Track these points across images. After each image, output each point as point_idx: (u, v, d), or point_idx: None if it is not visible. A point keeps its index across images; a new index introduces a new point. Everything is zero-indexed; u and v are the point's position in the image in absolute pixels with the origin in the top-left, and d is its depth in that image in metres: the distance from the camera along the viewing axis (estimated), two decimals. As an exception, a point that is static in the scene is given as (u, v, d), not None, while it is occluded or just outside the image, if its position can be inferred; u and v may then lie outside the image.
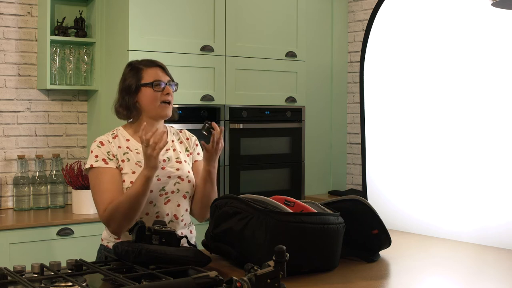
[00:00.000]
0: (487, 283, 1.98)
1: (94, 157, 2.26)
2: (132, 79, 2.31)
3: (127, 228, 2.15)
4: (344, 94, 4.99)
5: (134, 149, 2.30)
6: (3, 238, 3.25)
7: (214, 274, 1.50)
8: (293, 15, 4.23)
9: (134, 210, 2.16)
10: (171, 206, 2.31)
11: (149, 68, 2.32)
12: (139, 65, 2.34)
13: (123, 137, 2.33)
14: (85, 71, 3.89)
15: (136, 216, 2.17)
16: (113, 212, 2.16)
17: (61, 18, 3.84)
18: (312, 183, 4.76)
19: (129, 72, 2.35)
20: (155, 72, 2.32)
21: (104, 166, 2.25)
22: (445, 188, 2.87)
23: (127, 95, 2.31)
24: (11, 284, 1.62)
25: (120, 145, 2.30)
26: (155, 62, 2.37)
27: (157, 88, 2.28)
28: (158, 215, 2.28)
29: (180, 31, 3.75)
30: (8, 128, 3.79)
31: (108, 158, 2.26)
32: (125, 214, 2.15)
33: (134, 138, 2.33)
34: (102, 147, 2.28)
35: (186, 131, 2.51)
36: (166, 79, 2.32)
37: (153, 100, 2.28)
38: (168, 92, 2.30)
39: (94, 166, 2.25)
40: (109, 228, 2.23)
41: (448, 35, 2.89)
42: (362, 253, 2.17)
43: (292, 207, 2.04)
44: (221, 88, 3.90)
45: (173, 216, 2.31)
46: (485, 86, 2.72)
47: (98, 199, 2.24)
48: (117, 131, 2.36)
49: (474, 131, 2.76)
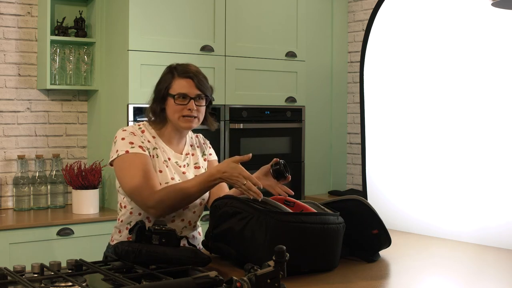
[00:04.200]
0: (487, 283, 1.98)
1: (129, 144, 2.18)
2: (163, 85, 2.26)
3: (166, 215, 2.19)
4: (344, 94, 4.99)
5: (161, 147, 2.27)
6: (3, 238, 3.25)
7: (214, 274, 1.50)
8: (293, 15, 4.23)
9: (185, 204, 2.20)
10: (187, 213, 2.29)
11: (180, 78, 2.24)
12: (175, 71, 2.27)
13: (150, 133, 2.28)
14: (85, 71, 3.89)
15: (180, 209, 2.22)
16: (164, 198, 2.12)
17: (61, 18, 3.84)
18: (312, 183, 4.76)
19: (165, 76, 2.29)
20: (184, 84, 2.23)
21: (142, 152, 2.19)
22: (445, 188, 2.87)
23: (156, 100, 2.27)
24: (11, 284, 1.62)
25: (149, 139, 2.26)
26: (189, 71, 2.25)
27: (179, 101, 2.22)
28: (173, 219, 2.26)
29: (180, 31, 3.75)
30: (8, 128, 3.79)
31: (144, 147, 2.21)
32: (174, 205, 2.15)
33: (160, 138, 2.29)
34: (135, 136, 2.22)
35: (201, 136, 2.49)
36: (194, 93, 2.22)
37: (175, 112, 2.23)
38: (191, 108, 2.21)
39: (131, 152, 2.17)
40: (150, 210, 2.15)
41: (448, 35, 2.89)
42: (362, 253, 2.17)
43: (292, 207, 2.04)
44: (221, 88, 3.90)
45: (187, 222, 2.30)
46: (485, 86, 2.72)
47: (141, 181, 2.12)
48: (143, 125, 2.30)
49: (474, 131, 2.76)
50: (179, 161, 2.30)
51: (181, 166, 2.29)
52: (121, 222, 2.30)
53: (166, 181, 2.22)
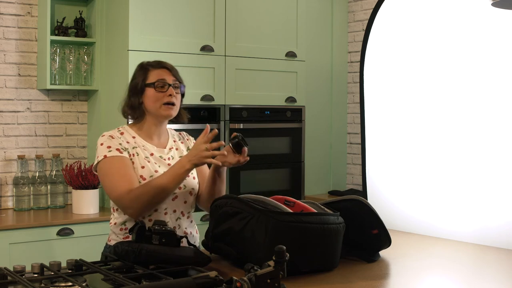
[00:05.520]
0: (487, 283, 1.98)
1: (107, 148, 2.24)
2: (139, 79, 2.33)
3: (145, 214, 2.20)
4: (344, 94, 4.99)
5: (141, 145, 2.31)
6: (3, 238, 3.25)
7: (214, 274, 1.50)
8: (293, 15, 4.23)
9: (162, 198, 2.18)
10: (178, 203, 2.31)
11: (156, 69, 2.33)
12: (148, 66, 2.35)
13: (129, 134, 2.34)
14: (85, 71, 3.89)
15: (158, 205, 2.21)
16: (139, 196, 2.14)
17: (61, 18, 3.84)
18: (312, 183, 4.76)
19: (138, 72, 2.36)
20: (161, 73, 2.31)
21: (119, 155, 2.23)
22: (445, 188, 2.87)
23: (133, 95, 2.32)
24: (11, 284, 1.62)
25: (128, 140, 2.30)
26: (163, 63, 2.36)
27: (159, 88, 2.28)
28: (166, 212, 2.28)
29: (180, 31, 3.75)
30: (8, 128, 3.79)
31: (122, 148, 2.25)
32: (150, 200, 2.16)
33: (140, 136, 2.34)
34: (113, 139, 2.27)
35: (185, 133, 2.53)
36: (171, 80, 2.31)
37: (155, 101, 2.29)
38: (171, 94, 2.28)
39: (109, 156, 2.23)
40: (127, 211, 2.20)
41: (448, 35, 2.89)
42: (362, 253, 2.17)
43: (292, 207, 2.04)
44: (221, 88, 3.90)
45: (180, 213, 2.32)
46: (485, 86, 2.73)
47: (117, 183, 2.19)
48: (122, 128, 2.36)
49: (474, 131, 2.76)
50: (163, 155, 2.34)
51: (166, 159, 2.33)
52: (114, 224, 2.34)
53: (151, 175, 2.25)
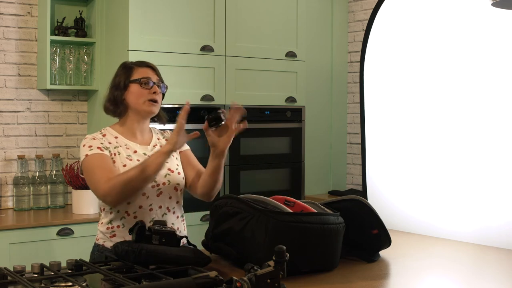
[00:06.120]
0: (487, 283, 1.98)
1: (88, 148, 2.27)
2: (122, 76, 2.36)
3: (125, 202, 2.19)
4: (344, 94, 4.99)
5: (123, 145, 2.33)
6: (3, 238, 3.25)
7: (214, 274, 1.50)
8: (293, 15, 4.23)
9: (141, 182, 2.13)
10: (163, 199, 2.31)
11: (140, 68, 2.37)
12: (132, 64, 2.40)
13: (111, 135, 2.36)
14: (85, 71, 3.89)
15: (139, 191, 2.19)
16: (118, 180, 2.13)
17: (61, 18, 3.84)
18: (312, 183, 4.76)
19: (121, 71, 2.40)
20: (145, 71, 2.36)
21: (100, 152, 2.26)
22: (445, 188, 2.87)
23: (116, 90, 2.35)
24: (11, 284, 1.62)
25: (110, 141, 2.33)
26: (146, 62, 2.42)
27: (144, 85, 2.32)
28: (151, 208, 2.28)
29: (180, 31, 3.75)
30: (8, 128, 3.79)
31: (103, 147, 2.28)
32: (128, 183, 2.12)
33: (123, 135, 2.36)
34: (94, 140, 2.30)
35: (168, 131, 2.54)
36: (155, 78, 2.36)
37: (139, 97, 2.31)
38: (155, 91, 2.32)
39: (90, 154, 2.25)
40: (107, 199, 2.19)
41: (448, 35, 2.89)
42: (362, 253, 2.17)
43: (292, 207, 2.04)
44: (221, 88, 3.90)
45: (166, 209, 2.32)
46: (485, 86, 2.73)
47: (97, 176, 2.20)
48: (105, 130, 2.39)
49: (474, 131, 2.76)
50: (146, 152, 2.34)
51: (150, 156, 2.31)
52: (101, 224, 2.35)
53: None
